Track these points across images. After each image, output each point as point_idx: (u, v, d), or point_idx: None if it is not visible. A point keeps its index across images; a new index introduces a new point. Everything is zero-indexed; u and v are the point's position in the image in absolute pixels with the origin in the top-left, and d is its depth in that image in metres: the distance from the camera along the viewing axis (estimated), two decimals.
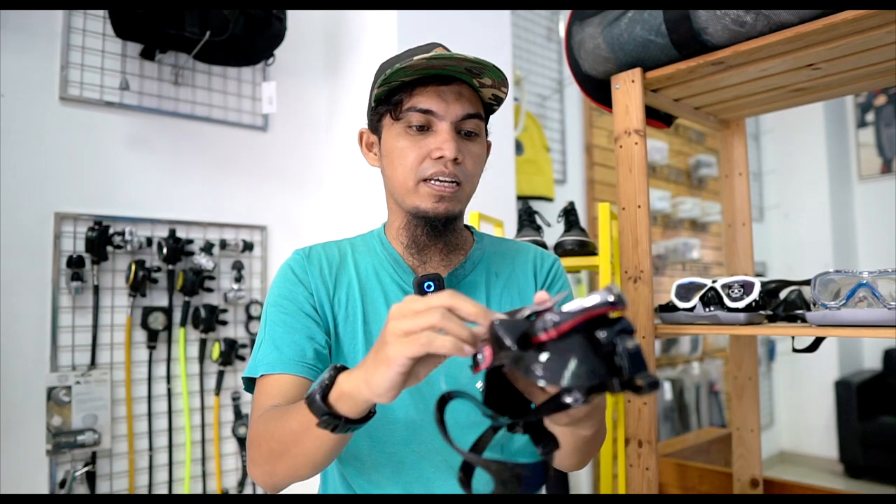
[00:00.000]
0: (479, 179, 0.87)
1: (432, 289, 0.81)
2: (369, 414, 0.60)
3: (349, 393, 0.56)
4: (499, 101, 0.84)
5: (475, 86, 0.81)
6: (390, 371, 0.51)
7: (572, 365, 0.44)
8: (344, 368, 0.60)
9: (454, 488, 0.81)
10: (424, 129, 0.80)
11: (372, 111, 0.86)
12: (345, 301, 0.85)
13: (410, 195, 0.81)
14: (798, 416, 4.13)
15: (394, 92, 0.81)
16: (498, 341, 0.48)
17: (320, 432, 0.59)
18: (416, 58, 0.74)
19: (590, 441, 0.73)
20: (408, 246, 0.86)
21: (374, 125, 0.86)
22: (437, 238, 0.84)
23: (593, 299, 0.45)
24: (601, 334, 0.45)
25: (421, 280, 0.81)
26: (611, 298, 0.45)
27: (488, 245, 0.94)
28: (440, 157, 0.78)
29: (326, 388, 0.59)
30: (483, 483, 0.62)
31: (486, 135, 0.89)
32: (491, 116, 0.90)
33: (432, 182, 0.79)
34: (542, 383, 0.44)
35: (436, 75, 0.79)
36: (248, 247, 1.82)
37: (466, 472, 0.52)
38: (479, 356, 0.50)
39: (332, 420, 0.58)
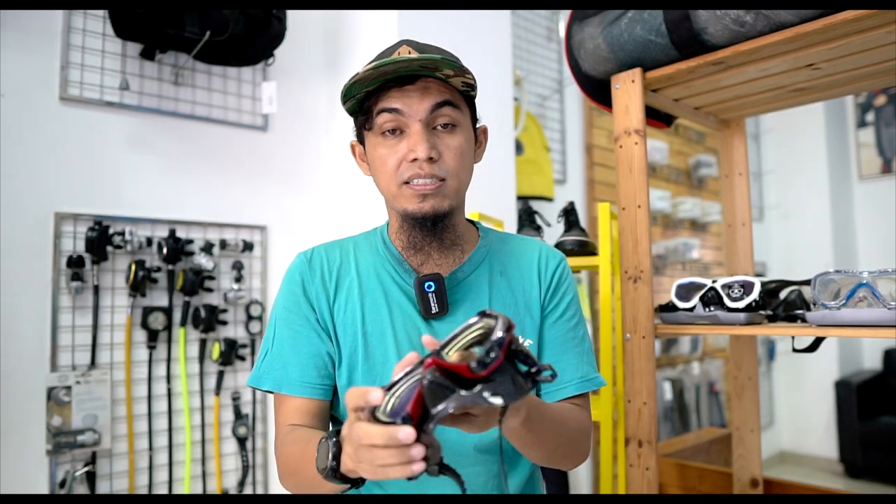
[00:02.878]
0: (470, 171, 0.84)
1: (432, 289, 0.82)
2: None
3: (353, 470, 0.60)
4: (472, 87, 0.82)
5: (442, 77, 0.79)
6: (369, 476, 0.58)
7: (510, 384, 0.54)
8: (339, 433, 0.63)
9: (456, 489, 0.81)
10: (397, 132, 0.79)
11: (354, 124, 0.87)
12: (344, 305, 0.85)
13: (397, 199, 0.81)
14: (798, 416, 4.13)
15: (363, 102, 0.82)
16: (439, 392, 0.53)
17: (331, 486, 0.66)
18: (363, 69, 0.75)
19: (550, 450, 0.77)
20: (405, 247, 0.86)
21: (360, 137, 0.87)
22: (432, 237, 0.83)
23: (497, 333, 0.54)
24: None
25: (421, 280, 0.82)
26: (501, 330, 0.54)
27: (494, 241, 0.92)
28: (414, 160, 0.77)
29: (336, 465, 0.62)
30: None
31: (476, 122, 0.87)
32: (478, 104, 0.88)
33: (412, 183, 0.79)
34: (499, 402, 0.52)
35: (398, 77, 0.77)
36: (248, 247, 1.82)
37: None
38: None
39: (350, 484, 0.64)
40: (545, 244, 0.95)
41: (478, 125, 0.89)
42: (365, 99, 0.81)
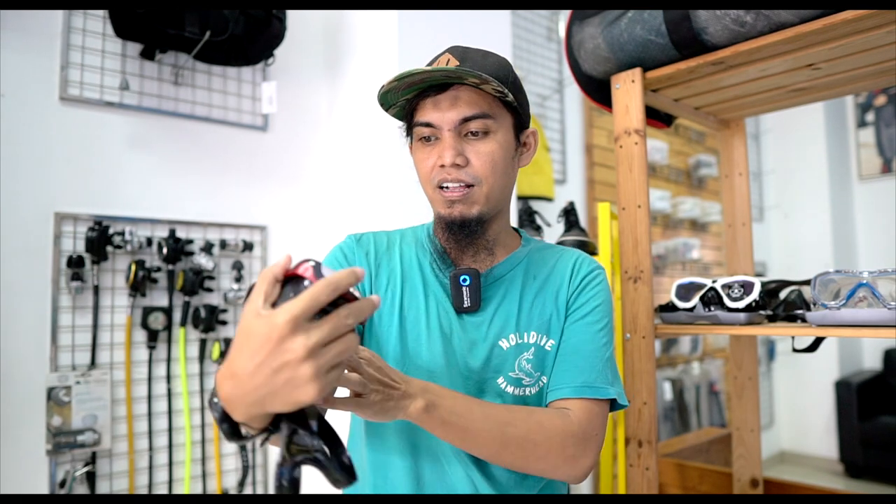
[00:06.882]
0: (505, 177, 0.85)
1: (467, 283, 0.84)
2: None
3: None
4: (504, 93, 0.82)
5: (473, 84, 0.80)
6: None
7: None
8: None
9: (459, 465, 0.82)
10: (432, 139, 0.83)
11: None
12: (384, 286, 0.88)
13: (433, 202, 0.86)
14: (798, 416, 4.13)
15: (404, 109, 0.86)
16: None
17: None
18: (387, 81, 0.78)
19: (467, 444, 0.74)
20: (441, 249, 0.89)
21: (410, 142, 0.90)
22: (467, 241, 0.85)
23: None
24: None
25: (457, 274, 0.84)
26: None
27: (534, 249, 0.94)
28: (443, 165, 0.81)
29: (224, 416, 0.57)
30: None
31: (524, 125, 0.88)
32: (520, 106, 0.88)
33: (443, 189, 0.82)
34: None
35: (432, 85, 0.81)
36: (248, 247, 1.82)
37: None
38: None
39: (252, 437, 0.58)
40: (588, 256, 0.94)
41: (527, 128, 0.89)
42: (405, 106, 0.86)
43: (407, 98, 0.84)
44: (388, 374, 0.68)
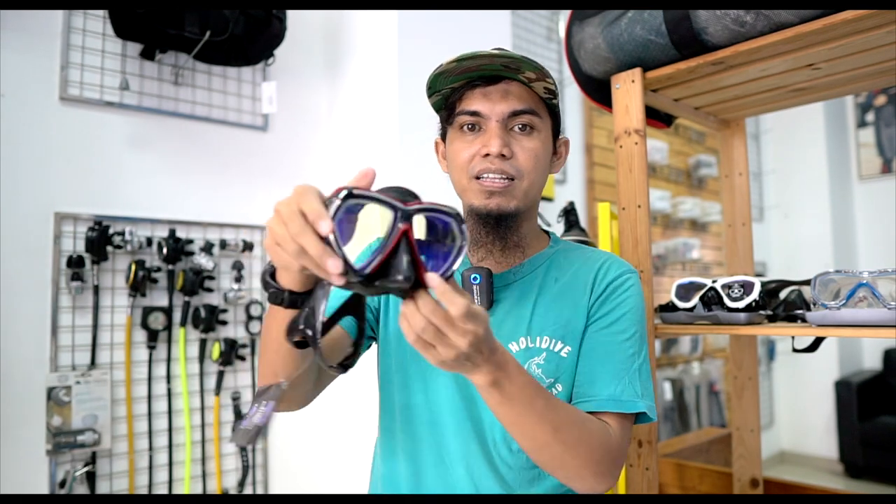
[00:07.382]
0: (542, 177, 0.84)
1: (478, 281, 0.81)
2: (314, 289, 0.58)
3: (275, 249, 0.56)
4: (553, 93, 0.82)
5: (525, 81, 0.80)
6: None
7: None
8: None
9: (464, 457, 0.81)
10: (475, 128, 0.81)
11: (439, 120, 0.89)
12: None
13: (466, 193, 0.83)
14: (798, 416, 4.13)
15: (448, 98, 0.84)
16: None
17: (278, 316, 0.63)
18: (446, 62, 0.76)
19: (519, 433, 0.69)
20: (469, 242, 0.86)
21: (442, 133, 0.89)
22: (495, 236, 0.83)
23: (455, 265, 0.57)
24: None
25: (467, 273, 0.82)
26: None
27: (561, 250, 0.90)
28: (487, 155, 0.79)
29: (272, 267, 0.62)
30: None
31: (558, 133, 0.88)
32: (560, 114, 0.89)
33: (482, 179, 0.80)
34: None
35: (482, 76, 0.80)
36: (248, 247, 1.82)
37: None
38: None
39: (278, 293, 0.61)
40: (618, 257, 0.89)
41: (560, 136, 0.89)
42: (449, 95, 0.84)
43: (453, 87, 0.82)
44: (488, 341, 0.61)
